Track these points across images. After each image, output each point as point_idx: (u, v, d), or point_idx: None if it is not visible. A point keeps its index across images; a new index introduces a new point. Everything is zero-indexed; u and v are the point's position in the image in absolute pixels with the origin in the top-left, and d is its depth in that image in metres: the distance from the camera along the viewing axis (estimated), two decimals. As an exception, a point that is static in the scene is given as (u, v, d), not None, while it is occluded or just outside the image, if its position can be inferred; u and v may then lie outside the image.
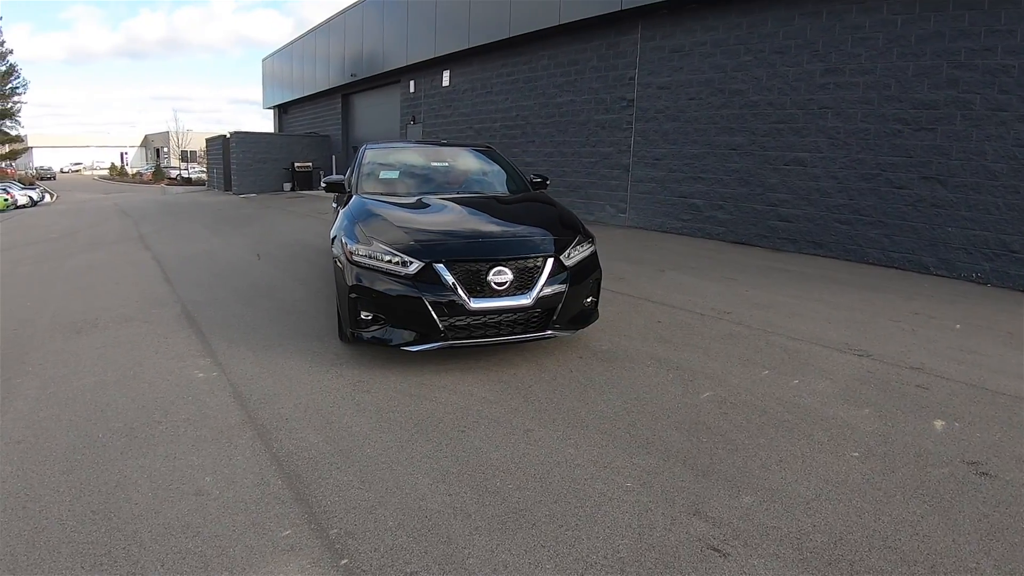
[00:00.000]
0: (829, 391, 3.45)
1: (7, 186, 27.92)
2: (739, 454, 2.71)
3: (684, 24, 9.05)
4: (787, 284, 6.30)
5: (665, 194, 9.90)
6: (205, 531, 2.29)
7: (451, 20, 14.38)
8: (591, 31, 10.72)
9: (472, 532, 2.22)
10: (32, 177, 42.87)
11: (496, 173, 5.33)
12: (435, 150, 5.72)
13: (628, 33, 10.02)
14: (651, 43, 9.64)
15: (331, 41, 21.83)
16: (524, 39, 12.25)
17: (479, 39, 13.27)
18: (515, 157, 13.56)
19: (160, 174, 45.47)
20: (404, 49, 16.74)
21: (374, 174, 5.04)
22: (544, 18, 11.14)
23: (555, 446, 2.84)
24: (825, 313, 5.14)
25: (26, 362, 4.28)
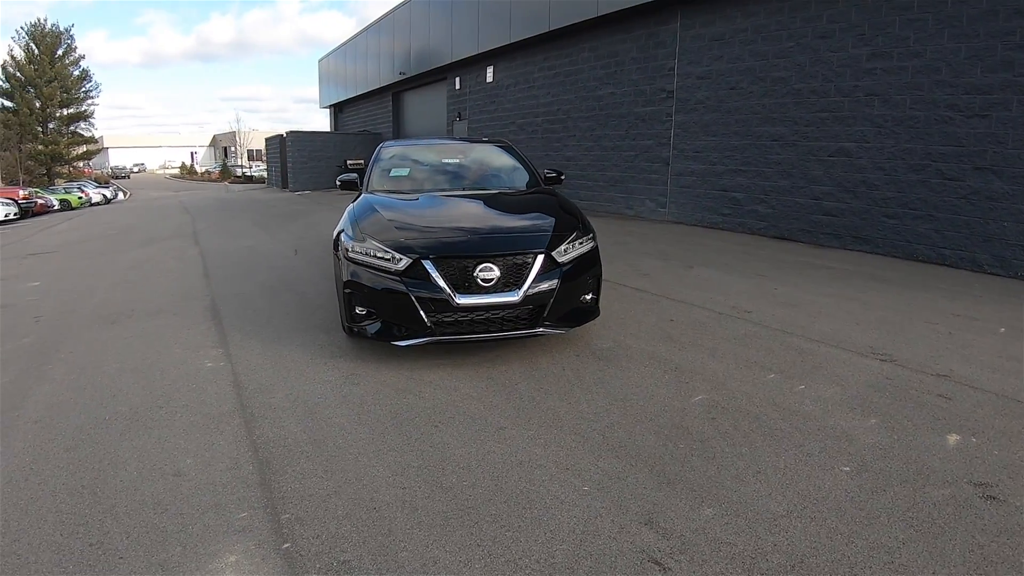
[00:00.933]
0: (836, 398, 3.21)
1: (82, 185, 30.05)
2: (714, 463, 2.56)
3: (724, 11, 8.66)
4: (822, 281, 5.94)
5: (705, 188, 9.54)
6: (172, 509, 2.40)
7: (493, 15, 14.36)
8: (631, 21, 10.44)
9: (413, 527, 2.21)
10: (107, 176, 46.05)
11: (507, 169, 5.27)
12: (449, 147, 5.71)
13: (668, 22, 9.70)
14: (691, 32, 9.28)
15: (381, 40, 22.28)
16: (565, 32, 12.09)
17: (520, 34, 13.20)
18: (556, 152, 13.44)
19: (227, 173, 47.85)
20: (449, 46, 16.87)
21: (385, 172, 5.09)
22: (583, 9, 10.94)
23: (523, 445, 2.77)
24: (856, 313, 4.81)
25: (60, 350, 4.57)
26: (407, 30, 19.82)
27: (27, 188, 22.65)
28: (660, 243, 8.40)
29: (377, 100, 25.50)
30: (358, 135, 26.46)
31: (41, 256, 9.81)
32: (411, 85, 21.62)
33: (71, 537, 2.24)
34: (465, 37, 15.95)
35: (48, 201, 22.31)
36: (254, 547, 2.14)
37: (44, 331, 5.09)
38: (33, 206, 20.06)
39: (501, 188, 4.92)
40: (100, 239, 11.71)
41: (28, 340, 4.87)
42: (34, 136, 34.18)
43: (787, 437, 2.77)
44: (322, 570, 2.02)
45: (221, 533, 2.23)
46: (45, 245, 11.49)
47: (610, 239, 8.81)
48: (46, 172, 34.84)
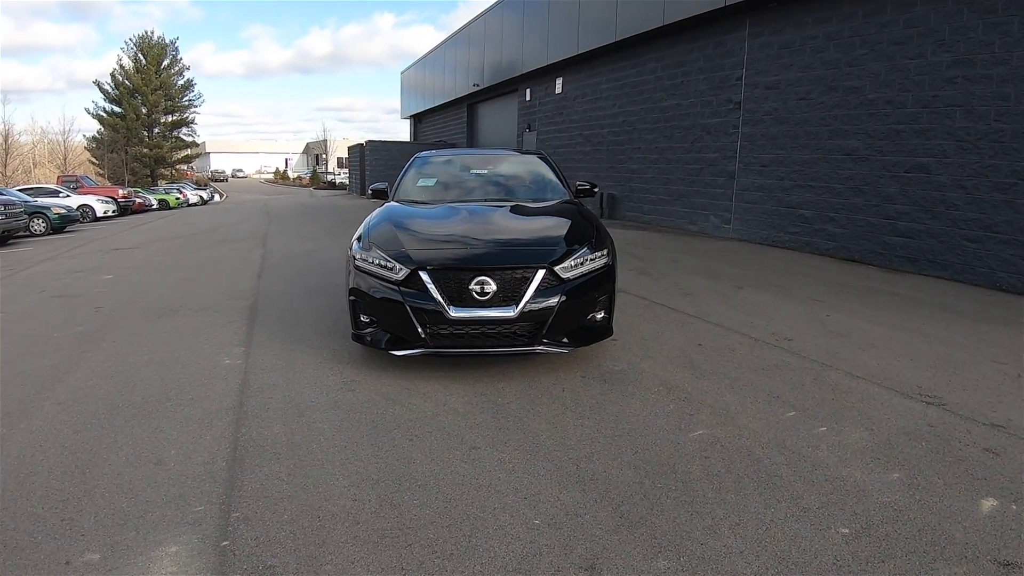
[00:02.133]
0: (860, 445, 2.82)
1: (181, 187, 32.57)
2: (689, 508, 2.29)
3: (794, 17, 8.12)
4: (884, 309, 5.36)
5: (772, 204, 8.95)
6: (142, 496, 2.49)
7: (562, 26, 14.30)
8: (697, 30, 10.04)
9: (348, 541, 2.14)
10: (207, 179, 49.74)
11: (536, 180, 5.13)
12: (481, 157, 5.64)
13: (735, 30, 9.23)
14: (759, 39, 8.78)
15: (458, 53, 22.78)
16: (631, 42, 11.82)
17: (588, 44, 13.05)
18: (619, 164, 13.14)
19: (316, 179, 50.53)
20: (520, 57, 16.96)
21: (413, 182, 5.10)
22: (649, 19, 10.65)
23: (489, 468, 2.63)
24: (914, 347, 4.28)
25: (105, 339, 4.87)
26: (482, 42, 20.15)
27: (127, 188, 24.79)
28: (715, 261, 7.95)
29: (453, 111, 26.09)
30: (433, 145, 27.13)
31: (124, 251, 10.66)
32: (484, 97, 21.95)
33: (49, 511, 2.38)
34: (535, 48, 15.98)
35: (147, 200, 24.35)
36: (197, 540, 2.18)
37: (99, 321, 5.46)
38: (132, 204, 21.95)
39: (526, 200, 4.78)
40: (181, 238, 12.58)
41: (82, 328, 5.23)
42: (139, 140, 37.58)
43: (785, 486, 2.45)
44: (246, 571, 2.00)
45: (174, 524, 2.28)
46: (131, 241, 12.49)
47: (663, 256, 8.45)
48: (149, 174, 38.18)
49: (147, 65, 37.70)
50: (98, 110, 37.36)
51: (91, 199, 18.51)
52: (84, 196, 18.64)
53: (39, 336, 5.04)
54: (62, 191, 18.44)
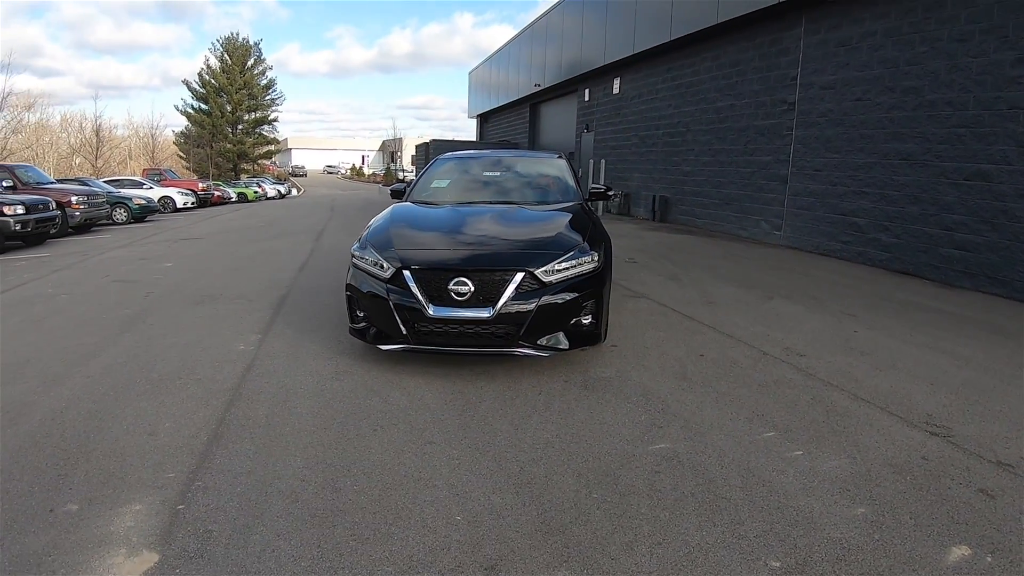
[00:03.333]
0: (834, 474, 2.63)
1: (261, 181, 34.37)
2: (616, 522, 2.24)
3: (852, 13, 7.63)
4: (923, 327, 4.98)
5: (824, 210, 8.47)
6: (128, 461, 2.77)
7: (620, 25, 14.08)
8: (753, 27, 9.63)
9: (282, 516, 2.30)
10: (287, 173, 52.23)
11: (547, 183, 5.12)
12: (497, 159, 5.66)
13: (792, 27, 8.78)
14: (815, 37, 8.31)
15: (521, 53, 22.87)
16: (687, 41, 11.49)
17: (644, 44, 12.79)
18: (673, 166, 12.81)
19: (389, 175, 52.10)
20: (579, 57, 16.84)
21: (427, 183, 5.21)
22: (704, 16, 10.31)
23: (436, 463, 2.69)
24: (940, 370, 3.96)
25: (145, 322, 5.28)
26: (544, 42, 20.15)
27: (206, 181, 26.41)
28: (755, 269, 7.62)
29: (516, 111, 26.24)
30: (493, 145, 27.36)
31: (189, 241, 11.45)
32: (546, 97, 21.94)
33: (51, 467, 2.71)
34: (594, 48, 15.82)
35: (225, 193, 25.87)
36: (158, 502, 2.42)
37: (145, 305, 5.92)
38: (211, 197, 23.40)
39: (534, 201, 4.78)
40: (245, 230, 13.37)
41: (129, 311, 5.69)
42: (224, 136, 39.95)
43: (729, 510, 2.33)
44: (188, 533, 2.21)
45: (146, 486, 2.54)
46: (199, 231, 13.39)
47: (701, 261, 8.19)
48: (232, 168, 40.56)
49: (232, 65, 40.11)
50: (186, 107, 40.14)
51: (172, 191, 19.94)
52: (166, 188, 20.10)
53: (91, 316, 5.52)
54: (146, 183, 19.98)
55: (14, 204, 9.55)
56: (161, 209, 18.74)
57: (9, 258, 9.32)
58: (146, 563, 2.06)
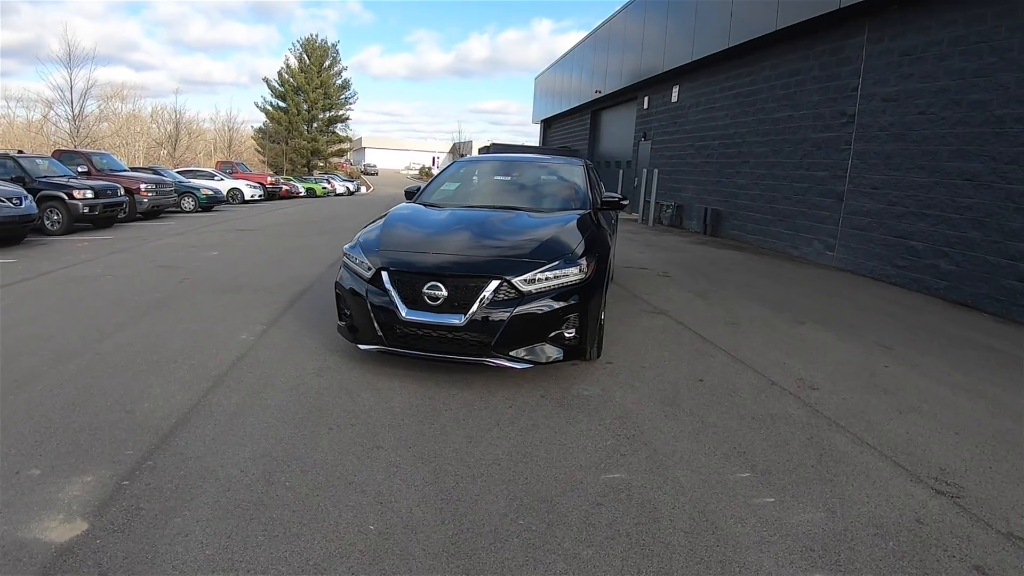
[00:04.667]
0: (802, 529, 2.33)
1: (330, 177, 35.63)
2: (528, 555, 2.10)
3: (917, 20, 7.03)
4: (965, 366, 4.49)
5: (880, 232, 7.86)
6: (98, 435, 2.93)
7: (679, 32, 13.67)
8: (814, 35, 9.08)
9: (208, 503, 2.36)
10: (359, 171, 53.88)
11: (558, 188, 4.98)
12: (512, 164, 5.55)
13: (854, 35, 8.21)
14: (878, 46, 7.73)
15: (584, 59, 22.66)
16: (746, 49, 11.00)
17: (702, 51, 12.35)
18: (727, 179, 12.30)
19: (452, 177, 52.71)
20: (639, 64, 16.48)
21: (438, 185, 5.18)
22: (763, 24, 9.83)
23: (375, 468, 2.65)
24: (972, 417, 3.54)
25: (168, 307, 5.52)
26: (606, 49, 19.87)
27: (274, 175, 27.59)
28: (795, 291, 7.15)
29: (578, 117, 26.02)
30: (555, 150, 27.20)
31: (243, 232, 11.96)
32: (607, 104, 21.63)
33: (32, 433, 2.92)
34: (654, 55, 15.44)
35: (294, 188, 26.97)
36: (107, 476, 2.54)
37: (176, 291, 6.20)
38: (278, 191, 24.45)
39: (540, 207, 4.64)
40: (299, 224, 13.85)
41: (159, 295, 5.96)
42: (299, 133, 41.77)
43: (662, 557, 2.11)
44: (120, 508, 2.31)
45: (103, 460, 2.68)
46: (256, 224, 13.98)
47: (739, 279, 7.77)
48: (306, 164, 42.35)
49: (310, 65, 41.98)
50: (265, 104, 42.37)
51: (241, 183, 20.99)
52: (236, 180, 21.20)
53: (123, 298, 5.83)
54: (217, 175, 21.12)
55: (84, 189, 10.28)
56: (228, 200, 19.74)
57: (76, 238, 10.04)
58: (75, 531, 2.16)
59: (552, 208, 4.58)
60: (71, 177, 11.03)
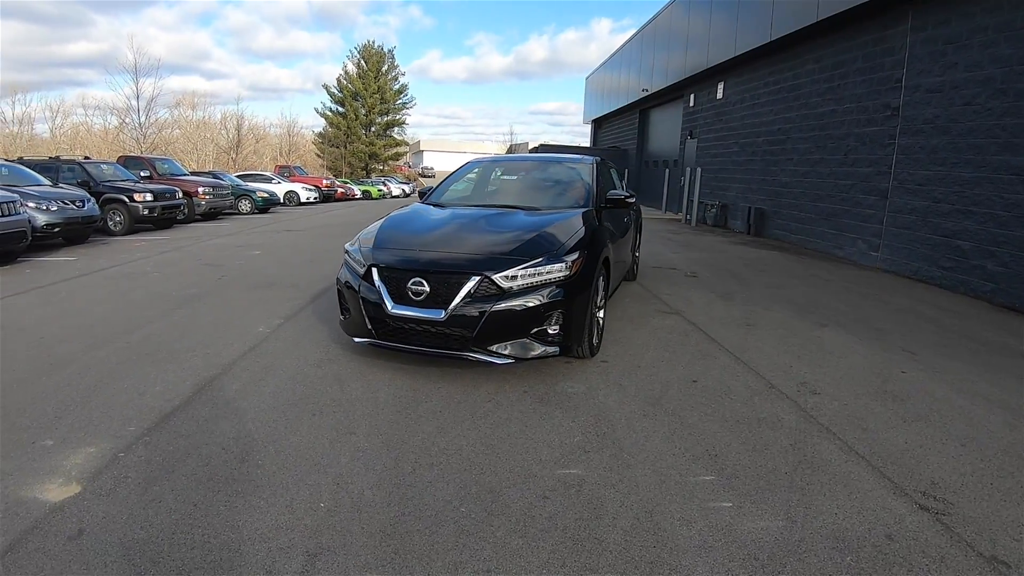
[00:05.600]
0: (752, 538, 2.22)
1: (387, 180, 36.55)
2: (459, 540, 2.17)
3: (961, 6, 6.60)
4: (990, 375, 4.20)
5: (925, 230, 7.43)
6: (110, 413, 3.24)
7: (723, 27, 13.32)
8: (857, 25, 8.67)
9: (182, 477, 2.59)
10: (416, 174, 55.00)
11: (562, 188, 5.01)
12: (524, 164, 5.60)
13: (898, 23, 7.78)
14: (922, 34, 7.30)
15: (632, 58, 22.37)
16: (789, 42, 10.60)
17: (745, 46, 11.99)
18: (771, 176, 11.91)
19: (503, 178, 52.96)
20: (684, 61, 16.14)
21: (448, 185, 5.32)
22: (804, 14, 9.45)
23: (340, 453, 2.79)
24: (983, 429, 3.30)
25: (202, 301, 5.90)
26: (652, 47, 19.56)
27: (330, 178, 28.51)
28: (828, 293, 6.85)
29: (627, 116, 25.71)
30: (603, 150, 26.96)
31: (290, 233, 12.51)
32: (655, 102, 21.28)
33: (53, 410, 3.26)
34: (698, 51, 15.10)
35: (349, 190, 27.82)
36: (108, 448, 2.82)
37: (213, 287, 6.59)
38: (334, 193, 25.28)
39: (541, 205, 4.67)
40: (345, 225, 14.33)
41: (195, 291, 6.36)
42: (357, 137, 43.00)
43: (591, 554, 2.08)
44: (111, 476, 2.58)
45: (107, 435, 2.96)
46: (305, 224, 14.57)
47: (770, 280, 7.52)
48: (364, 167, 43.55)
49: (368, 71, 43.16)
50: (325, 109, 43.85)
51: (297, 186, 21.88)
52: (293, 183, 22.11)
53: (164, 292, 6.26)
54: (275, 178, 22.09)
55: (144, 192, 11.03)
56: (284, 202, 20.63)
57: (135, 238, 10.80)
58: (69, 493, 2.43)
59: (553, 206, 4.61)
60: (133, 181, 11.85)
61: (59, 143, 34.94)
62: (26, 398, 3.40)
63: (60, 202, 8.80)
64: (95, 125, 35.75)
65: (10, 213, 7.24)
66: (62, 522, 2.24)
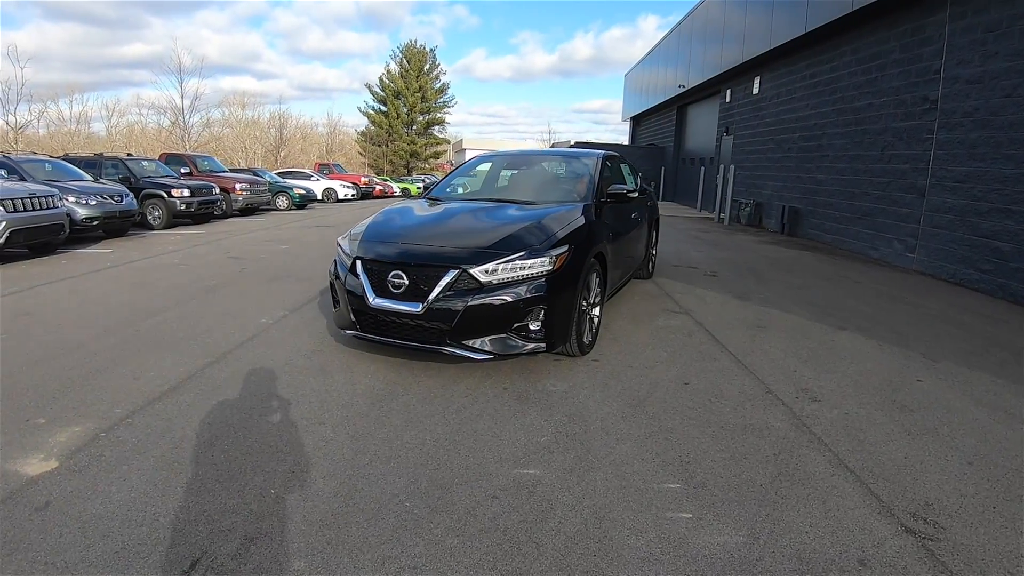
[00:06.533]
0: (705, 553, 2.10)
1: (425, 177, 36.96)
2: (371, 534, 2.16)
3: (1004, -11, 6.17)
4: (1018, 387, 3.90)
5: (963, 230, 7.01)
6: (103, 396, 3.39)
7: (758, 19, 12.89)
8: (895, 14, 8.23)
9: (150, 457, 2.69)
10: (456, 172, 55.36)
11: (561, 183, 4.96)
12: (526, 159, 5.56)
13: (936, 11, 7.34)
14: (961, 22, 6.86)
15: (669, 54, 21.92)
16: (826, 34, 10.17)
17: (780, 38, 11.56)
18: (807, 174, 11.47)
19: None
20: (720, 56, 15.71)
21: (449, 180, 5.33)
22: (839, 4, 9.03)
23: (300, 443, 2.82)
24: (995, 445, 2.99)
25: (215, 293, 6.07)
26: (689, 41, 19.11)
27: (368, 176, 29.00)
28: (853, 295, 6.52)
29: (664, 113, 25.24)
30: (641, 148, 26.58)
31: (321, 228, 12.77)
32: (692, 98, 20.82)
33: (53, 390, 3.45)
34: (734, 45, 14.66)
35: (388, 187, 28.22)
36: (92, 427, 2.98)
37: (232, 278, 6.79)
38: (372, 190, 25.68)
39: (536, 200, 4.61)
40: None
41: (214, 283, 6.56)
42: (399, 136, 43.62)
43: (517, 559, 2.07)
44: (88, 454, 2.71)
45: (94, 416, 3.10)
46: (337, 220, 14.85)
47: (796, 281, 7.23)
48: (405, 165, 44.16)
49: (409, 70, 43.75)
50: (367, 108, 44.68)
51: (336, 183, 22.35)
52: (331, 181, 22.59)
53: (185, 284, 6.47)
54: (314, 175, 22.60)
55: (181, 188, 11.46)
56: (323, 199, 21.10)
57: (172, 232, 11.24)
58: (46, 468, 2.57)
59: (550, 201, 4.54)
60: (173, 177, 12.32)
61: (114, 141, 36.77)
62: (32, 379, 3.59)
63: (99, 197, 9.21)
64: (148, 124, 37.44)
65: (48, 207, 7.62)
66: (33, 494, 2.36)
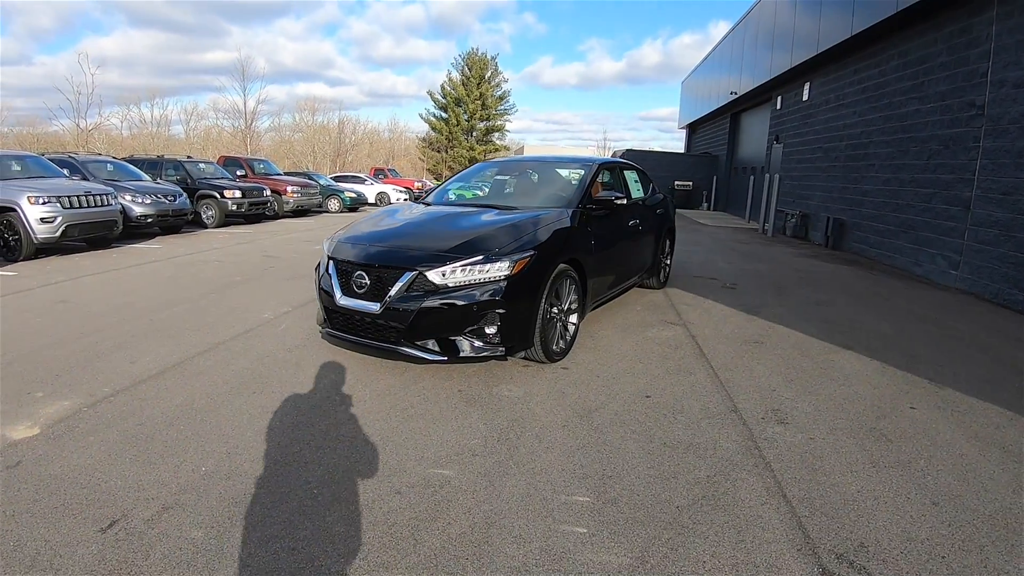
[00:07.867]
0: (585, 571, 2.09)
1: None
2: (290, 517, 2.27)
3: (1050, -13, 5.69)
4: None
5: (1009, 246, 6.50)
6: (98, 375, 3.75)
7: (807, 23, 12.39)
8: (941, 15, 7.74)
9: (117, 430, 2.97)
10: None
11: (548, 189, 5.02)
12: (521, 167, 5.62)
13: (983, 10, 6.86)
14: (1008, 22, 6.38)
15: (723, 60, 21.36)
16: (873, 38, 9.68)
17: (827, 42, 11.06)
18: (853, 184, 10.95)
19: (602, 184, 52.45)
20: (770, 61, 15.18)
21: (447, 186, 5.49)
22: (884, 6, 8.57)
23: (250, 428, 3.01)
24: (975, 484, 2.64)
25: (235, 288, 6.46)
26: (741, 47, 18.56)
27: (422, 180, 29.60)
28: (877, 314, 6.11)
29: (718, 121, 24.60)
30: (692, 156, 26.00)
31: (357, 230, 13.17)
32: (745, 106, 20.19)
33: (57, 367, 3.87)
34: (783, 50, 14.14)
35: (439, 193, 28.73)
36: (81, 401, 3.31)
37: (256, 275, 7.19)
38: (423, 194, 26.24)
39: (522, 205, 4.66)
40: (411, 224, 14.89)
41: (238, 279, 6.97)
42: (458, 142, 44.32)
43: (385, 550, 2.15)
44: (66, 425, 3.02)
45: (86, 392, 3.43)
46: (379, 223, 15.28)
47: (822, 298, 6.86)
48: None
49: (470, 78, 44.41)
50: (429, 115, 45.63)
51: (388, 188, 23.01)
52: (384, 185, 23.28)
53: (212, 279, 6.91)
54: (368, 180, 23.35)
55: (234, 189, 12.17)
56: (375, 202, 21.80)
57: (222, 230, 11.97)
58: (29, 434, 2.89)
59: (532, 206, 4.57)
60: (229, 179, 13.10)
61: (192, 144, 39.28)
62: (46, 357, 4.00)
63: (154, 196, 9.94)
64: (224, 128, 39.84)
65: (103, 204, 8.30)
66: (10, 455, 2.67)
